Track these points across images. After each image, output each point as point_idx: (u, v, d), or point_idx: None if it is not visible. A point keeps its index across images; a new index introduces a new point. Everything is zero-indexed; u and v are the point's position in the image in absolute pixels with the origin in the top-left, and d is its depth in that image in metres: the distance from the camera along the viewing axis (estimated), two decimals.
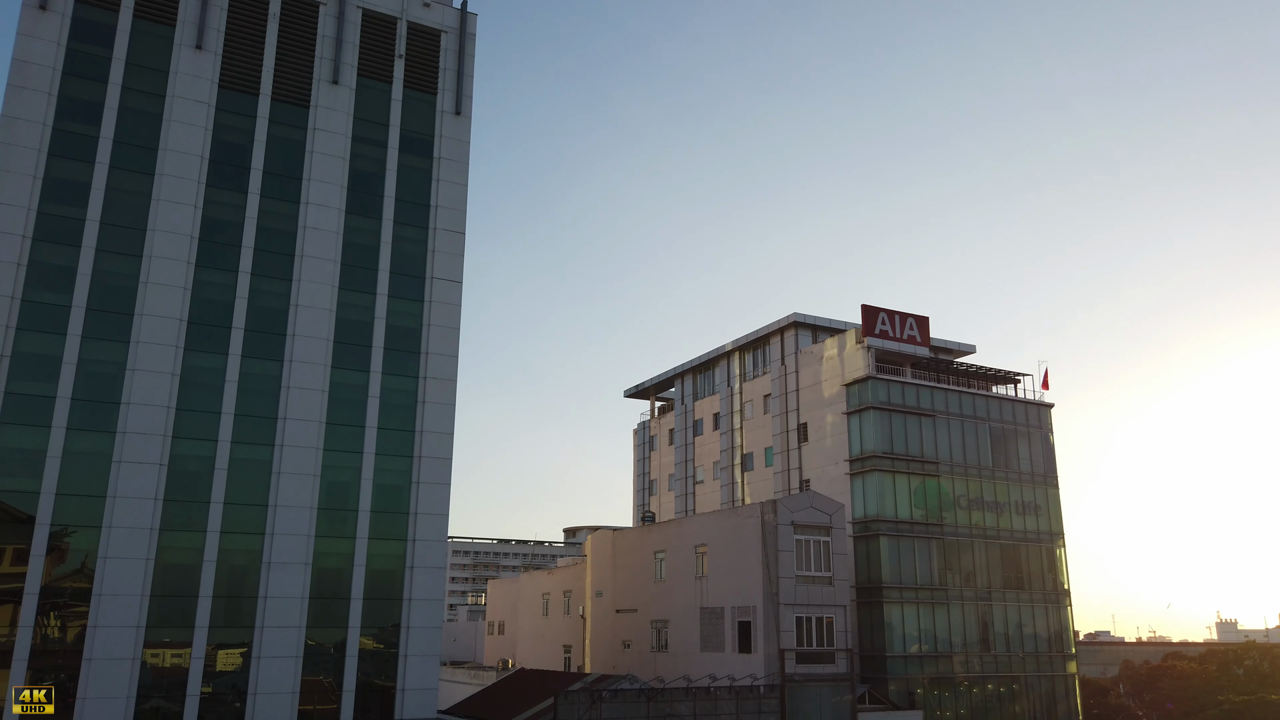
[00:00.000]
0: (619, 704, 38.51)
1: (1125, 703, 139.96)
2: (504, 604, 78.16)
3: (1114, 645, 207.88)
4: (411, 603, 41.15)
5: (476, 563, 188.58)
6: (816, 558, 46.03)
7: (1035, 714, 53.38)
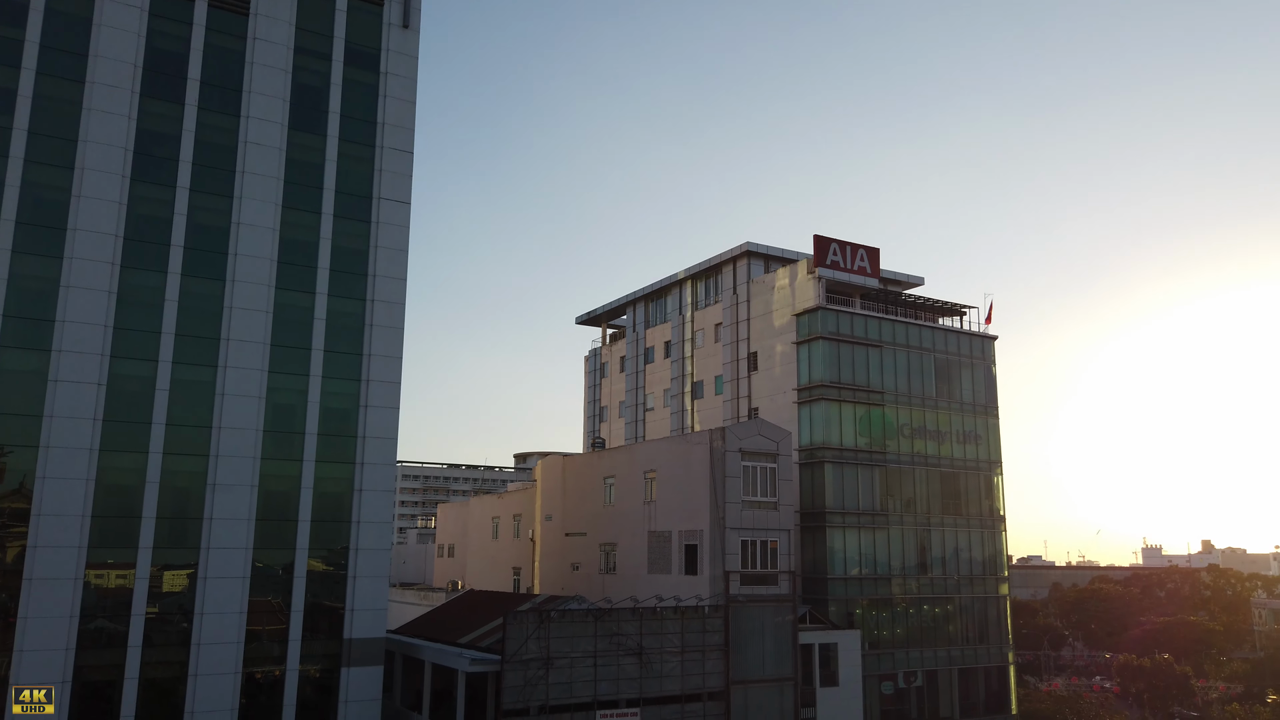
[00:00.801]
0: (567, 624, 39.22)
1: (1052, 623, 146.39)
2: (454, 527, 78.68)
3: (1045, 569, 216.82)
4: (360, 525, 41.18)
5: (426, 487, 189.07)
6: (763, 484, 46.86)
7: (968, 634, 55.60)
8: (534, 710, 37.73)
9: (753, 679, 43.57)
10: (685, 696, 41.25)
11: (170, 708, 36.91)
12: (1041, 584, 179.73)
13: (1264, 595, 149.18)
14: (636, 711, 39.72)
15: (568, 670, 38.71)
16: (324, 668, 40.07)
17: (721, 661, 42.34)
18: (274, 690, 38.83)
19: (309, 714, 39.28)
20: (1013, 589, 62.87)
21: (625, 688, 39.90)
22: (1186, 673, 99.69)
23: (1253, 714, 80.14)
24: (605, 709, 39.16)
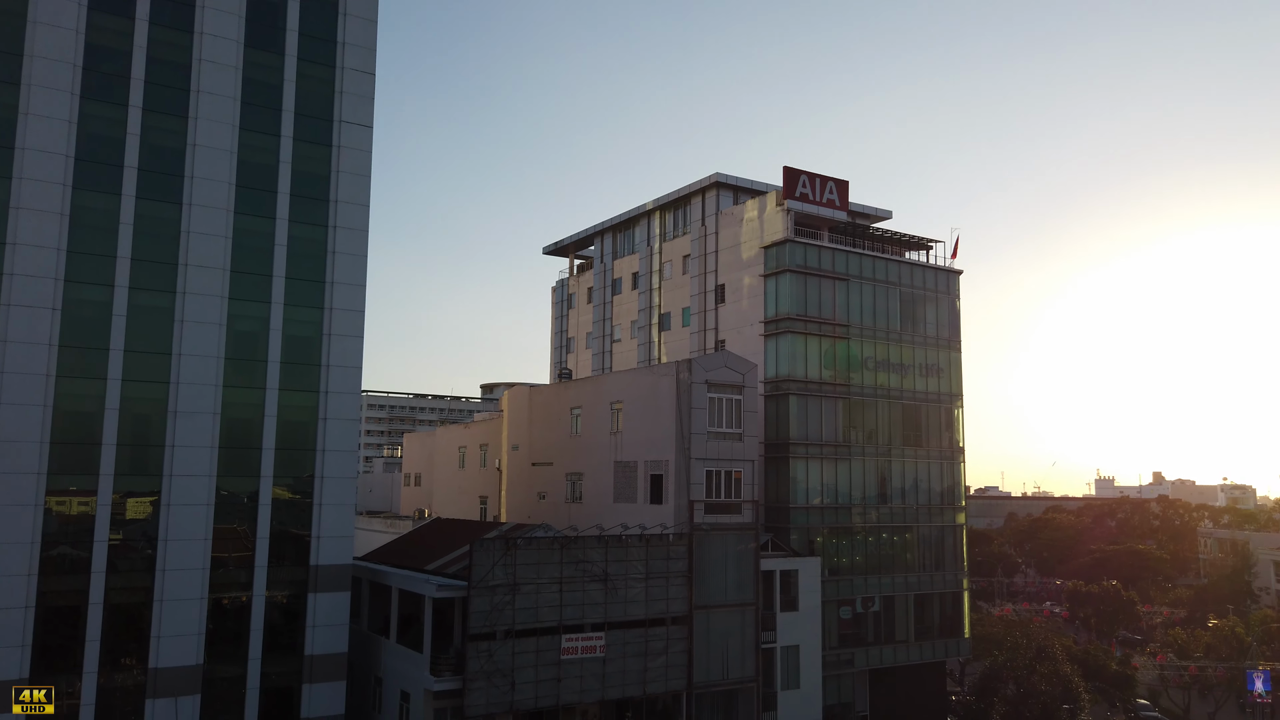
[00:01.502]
0: (533, 551, 39.69)
1: (1007, 551, 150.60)
2: (420, 457, 78.82)
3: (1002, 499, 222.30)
4: (325, 454, 41.08)
5: (392, 417, 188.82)
6: (728, 415, 47.27)
7: (925, 561, 57.11)
8: (500, 634, 38.37)
9: (715, 604, 44.56)
10: (649, 621, 42.12)
11: (136, 632, 37.09)
12: (998, 514, 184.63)
13: (1210, 525, 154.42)
14: (601, 635, 40.54)
15: (534, 596, 39.31)
16: (291, 594, 40.34)
17: (685, 588, 43.19)
18: (241, 615, 39.09)
19: (276, 639, 39.66)
20: (969, 518, 64.47)
21: (590, 613, 40.64)
22: (1133, 598, 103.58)
23: (1194, 637, 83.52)
24: (570, 633, 39.92)
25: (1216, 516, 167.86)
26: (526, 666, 38.75)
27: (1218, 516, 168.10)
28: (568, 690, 39.65)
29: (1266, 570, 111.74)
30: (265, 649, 39.12)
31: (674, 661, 42.43)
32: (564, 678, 39.54)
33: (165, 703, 36.64)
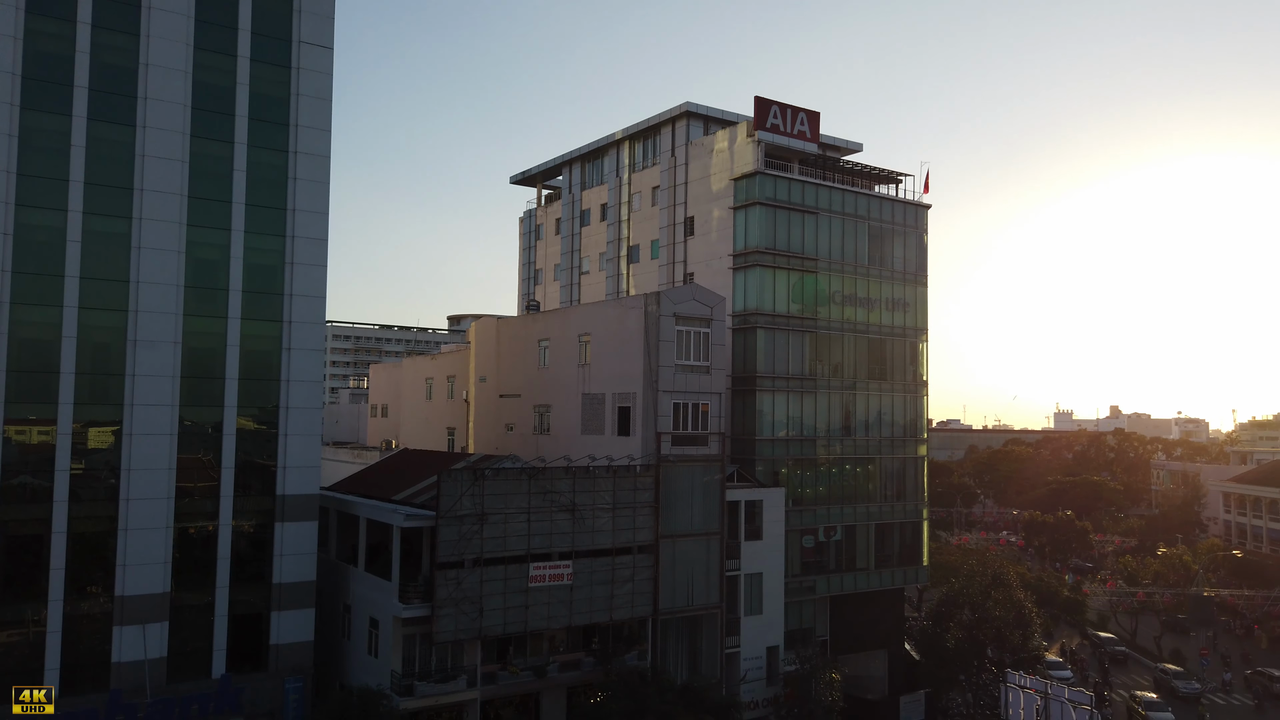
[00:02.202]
0: (501, 481, 39.90)
1: (966, 482, 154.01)
2: (387, 388, 78.48)
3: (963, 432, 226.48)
4: (290, 384, 40.74)
5: (358, 348, 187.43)
6: (696, 348, 47.38)
7: (886, 492, 58.21)
8: (468, 563, 38.76)
9: (681, 533, 45.26)
10: (616, 550, 42.73)
11: (101, 560, 37.04)
12: (959, 446, 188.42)
13: (1163, 458, 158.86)
14: (569, 564, 41.10)
15: (502, 525, 39.65)
16: (258, 523, 40.37)
17: (652, 517, 43.77)
18: (208, 544, 39.12)
19: (244, 567, 39.81)
20: (931, 450, 65.60)
21: (558, 541, 41.12)
22: (1086, 528, 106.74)
23: (1143, 565, 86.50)
24: (538, 561, 40.43)
25: (1170, 449, 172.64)
26: (495, 594, 39.27)
27: (1171, 449, 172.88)
28: (535, 617, 40.30)
29: (1215, 501, 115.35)
30: (233, 577, 39.28)
31: (640, 589, 43.20)
32: (532, 605, 40.16)
33: (133, 630, 36.79)
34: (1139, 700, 59.97)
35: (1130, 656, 72.90)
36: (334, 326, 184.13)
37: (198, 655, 38.49)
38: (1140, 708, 58.92)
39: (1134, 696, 61.15)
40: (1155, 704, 59.23)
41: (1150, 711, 58.08)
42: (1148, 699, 60.07)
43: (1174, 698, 62.51)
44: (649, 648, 43.95)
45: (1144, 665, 71.30)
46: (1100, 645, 73.39)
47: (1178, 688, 63.62)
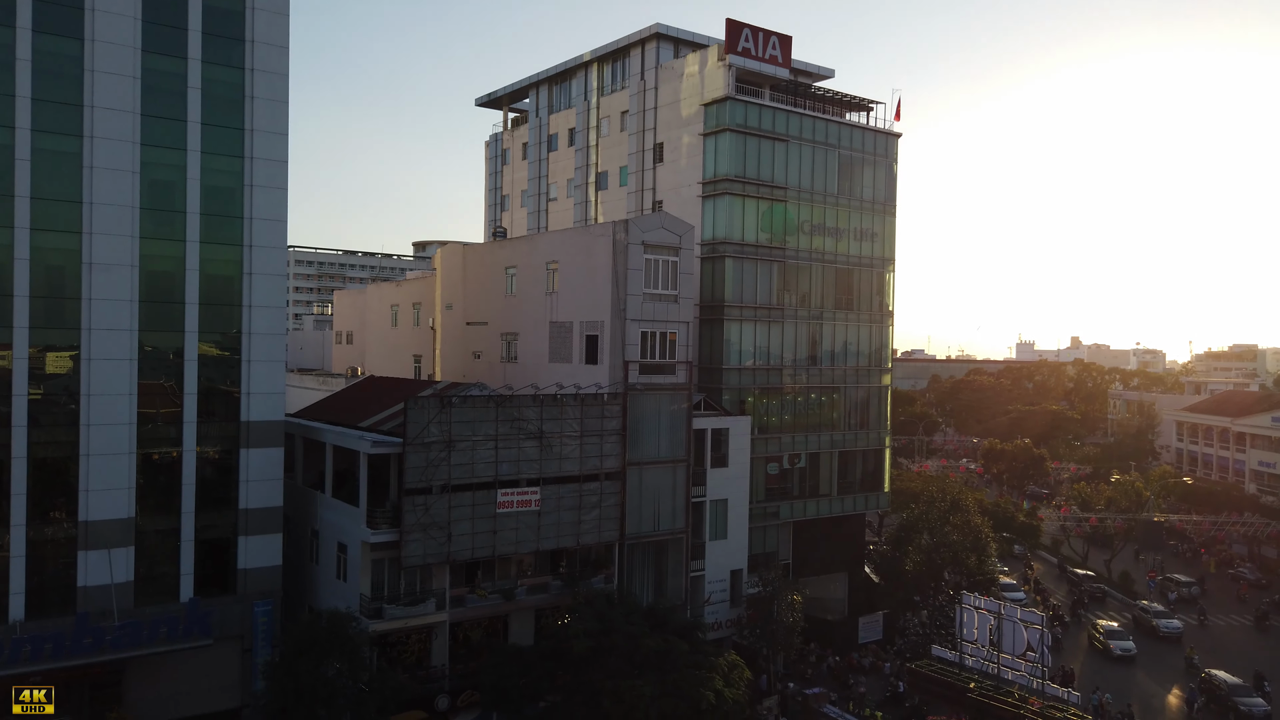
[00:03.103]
0: (468, 409, 39.87)
1: (929, 411, 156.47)
2: (351, 315, 77.69)
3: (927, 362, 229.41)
4: (252, 309, 40.13)
5: (321, 273, 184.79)
6: (664, 277, 47.22)
7: (850, 421, 59.04)
8: (436, 489, 38.95)
9: (648, 461, 45.73)
10: (583, 476, 43.12)
11: (64, 486, 36.75)
12: (922, 375, 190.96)
13: (1120, 387, 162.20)
14: (536, 490, 41.45)
15: (469, 452, 39.77)
16: (223, 449, 40.15)
17: (619, 445, 44.11)
18: (172, 470, 38.90)
19: (210, 493, 39.71)
20: (895, 380, 66.40)
21: (526, 468, 41.39)
22: (1043, 455, 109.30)
23: (1097, 491, 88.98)
24: (506, 488, 40.71)
25: (1127, 379, 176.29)
26: (463, 519, 39.59)
27: (1128, 379, 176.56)
28: (503, 542, 40.76)
29: (1169, 429, 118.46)
30: (199, 503, 39.19)
31: (607, 515, 43.76)
32: (500, 530, 40.57)
33: (98, 554, 36.74)
34: (1100, 629, 59.84)
35: (1109, 594, 72.15)
36: (296, 251, 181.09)
37: (165, 579, 38.60)
38: (1101, 635, 59.02)
39: (1095, 625, 61.05)
40: (1116, 632, 59.26)
41: (1111, 640, 58.28)
42: (1109, 627, 59.96)
43: (1155, 637, 61.53)
44: (615, 571, 44.72)
45: (1124, 603, 70.25)
46: (1079, 583, 72.78)
47: (1159, 627, 62.21)
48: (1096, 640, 59.51)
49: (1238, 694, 48.81)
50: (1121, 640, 58.54)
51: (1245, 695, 48.80)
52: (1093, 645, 59.78)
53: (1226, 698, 48.77)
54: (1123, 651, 57.42)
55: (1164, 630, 61.71)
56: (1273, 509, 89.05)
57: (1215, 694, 49.68)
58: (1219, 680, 50.43)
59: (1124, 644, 58.10)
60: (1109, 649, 57.82)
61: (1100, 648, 58.74)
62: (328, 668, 34.30)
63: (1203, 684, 51.21)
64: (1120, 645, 57.96)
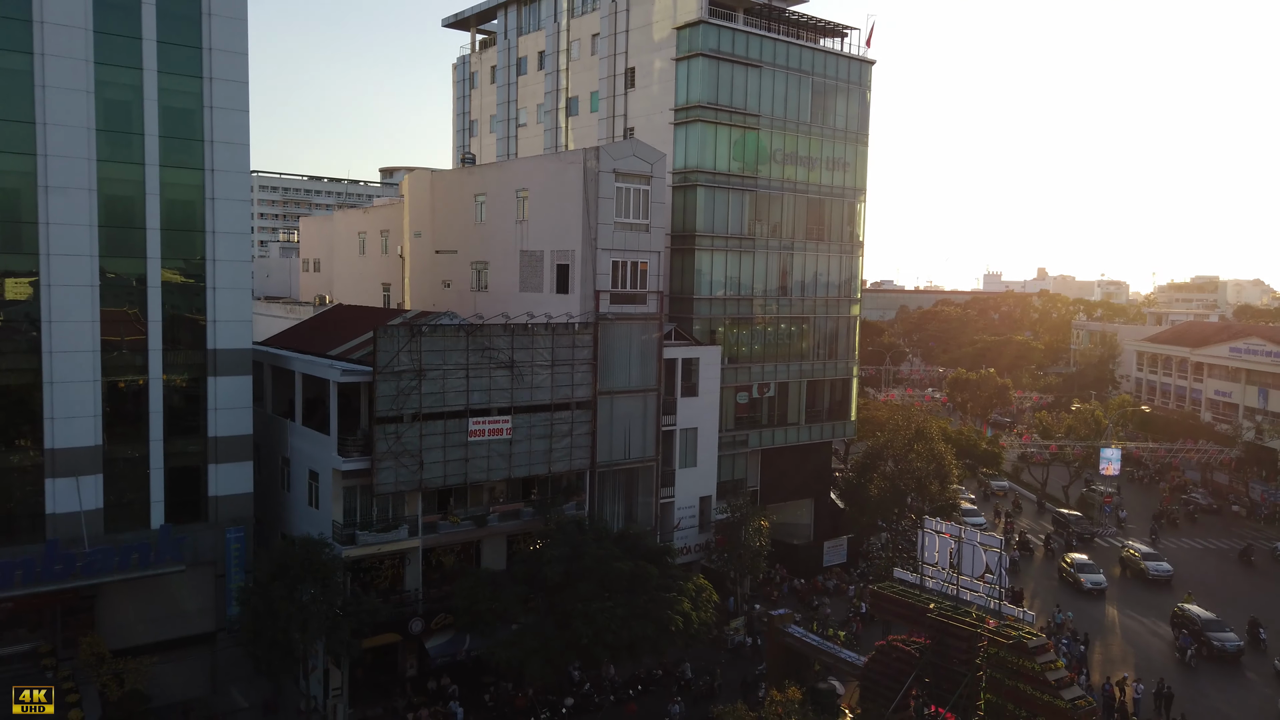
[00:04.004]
0: (438, 338, 39.70)
1: (896, 341, 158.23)
2: (318, 242, 76.54)
3: (895, 293, 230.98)
4: (216, 235, 39.38)
5: (287, 199, 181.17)
6: (635, 205, 46.85)
7: (819, 351, 59.59)
8: (407, 418, 38.99)
9: (619, 390, 46.00)
10: (555, 405, 43.32)
11: (28, 413, 36.33)
12: (890, 306, 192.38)
13: (1084, 318, 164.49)
14: (508, 419, 41.62)
15: (440, 381, 39.74)
16: (190, 377, 39.79)
17: (590, 374, 44.26)
18: (139, 398, 38.55)
19: (178, 421, 39.47)
20: (864, 311, 66.90)
21: (497, 398, 41.48)
22: (1007, 385, 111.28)
23: (1057, 420, 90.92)
24: (477, 416, 40.84)
25: (1090, 310, 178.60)
26: (434, 448, 39.76)
27: (1091, 310, 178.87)
28: (475, 469, 41.05)
29: (1130, 359, 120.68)
30: (167, 431, 38.95)
31: (578, 443, 44.12)
32: (471, 458, 40.82)
33: (66, 482, 36.57)
34: (1071, 561, 59.54)
35: (1097, 535, 69.64)
36: (260, 177, 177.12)
37: (135, 507, 38.56)
38: (1071, 569, 58.75)
39: (1065, 557, 60.75)
40: (1086, 565, 58.85)
41: (1081, 573, 57.93)
42: (1079, 560, 59.41)
43: (1144, 580, 59.66)
44: (586, 498, 45.30)
45: (1111, 546, 67.98)
46: (1066, 524, 70.27)
47: (1147, 569, 59.92)
48: (1067, 573, 59.20)
49: (1210, 629, 48.37)
50: (1092, 574, 57.97)
51: (1218, 631, 48.31)
52: (1063, 579, 59.40)
53: (1200, 633, 48.33)
54: (1093, 585, 56.97)
55: (1153, 573, 59.58)
56: (1226, 437, 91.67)
57: (1188, 629, 49.31)
58: (1192, 615, 49.98)
59: (1094, 577, 57.56)
60: (1079, 583, 57.49)
61: (1071, 581, 58.40)
62: (302, 593, 34.68)
63: (1175, 618, 50.93)
64: (1091, 579, 57.40)
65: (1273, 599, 56.83)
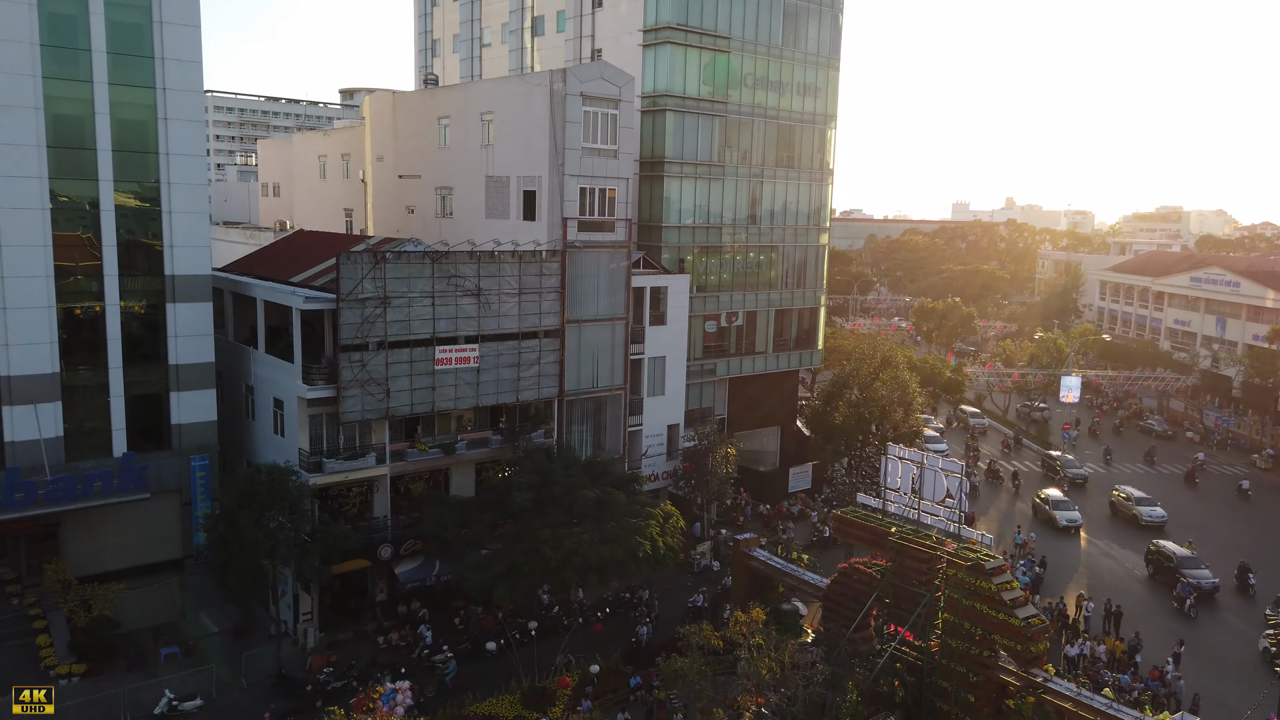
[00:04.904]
0: (403, 265, 39.09)
1: (864, 270, 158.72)
2: (277, 165, 74.63)
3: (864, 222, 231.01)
4: (170, 157, 38.21)
5: (244, 121, 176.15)
6: (603, 130, 46.00)
7: (787, 280, 59.54)
8: (372, 345, 38.60)
9: (587, 318, 45.79)
10: (523, 334, 43.07)
11: None
12: (859, 235, 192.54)
13: (1050, 248, 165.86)
14: (475, 347, 41.36)
15: (406, 309, 39.28)
16: (148, 304, 39.02)
17: (558, 303, 43.95)
18: (96, 325, 37.79)
19: (138, 348, 38.83)
20: (832, 240, 66.78)
21: (464, 325, 41.13)
22: (972, 314, 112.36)
23: (1020, 348, 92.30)
24: (444, 345, 40.52)
25: (1056, 240, 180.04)
26: (401, 376, 39.49)
27: (1057, 240, 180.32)
28: (443, 398, 40.90)
29: (1093, 288, 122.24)
30: (126, 359, 38.32)
31: (546, 372, 44.04)
32: (439, 386, 40.62)
33: (24, 409, 36.00)
34: (1046, 498, 57.98)
35: (1090, 478, 66.27)
36: (215, 97, 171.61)
37: (97, 435, 38.12)
38: (1046, 505, 57.29)
39: (1040, 493, 59.19)
40: (1061, 502, 57.41)
41: (1056, 510, 56.51)
42: (1054, 496, 58.03)
43: (1137, 524, 56.76)
44: (555, 427, 45.43)
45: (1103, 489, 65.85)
46: (1054, 465, 67.02)
47: (1140, 515, 57.24)
48: (1041, 510, 57.67)
49: (1185, 566, 47.42)
50: (1067, 510, 56.41)
51: (1194, 568, 47.22)
52: (1037, 515, 57.82)
53: (1175, 569, 47.41)
54: (1068, 522, 55.39)
55: (1146, 519, 56.76)
56: (1183, 365, 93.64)
57: (1163, 565, 48.53)
58: (1168, 551, 48.97)
59: (1069, 514, 56.02)
60: (1054, 519, 55.93)
61: (1045, 518, 56.77)
62: (270, 520, 34.69)
63: (1149, 555, 50.01)
64: (1066, 516, 55.81)
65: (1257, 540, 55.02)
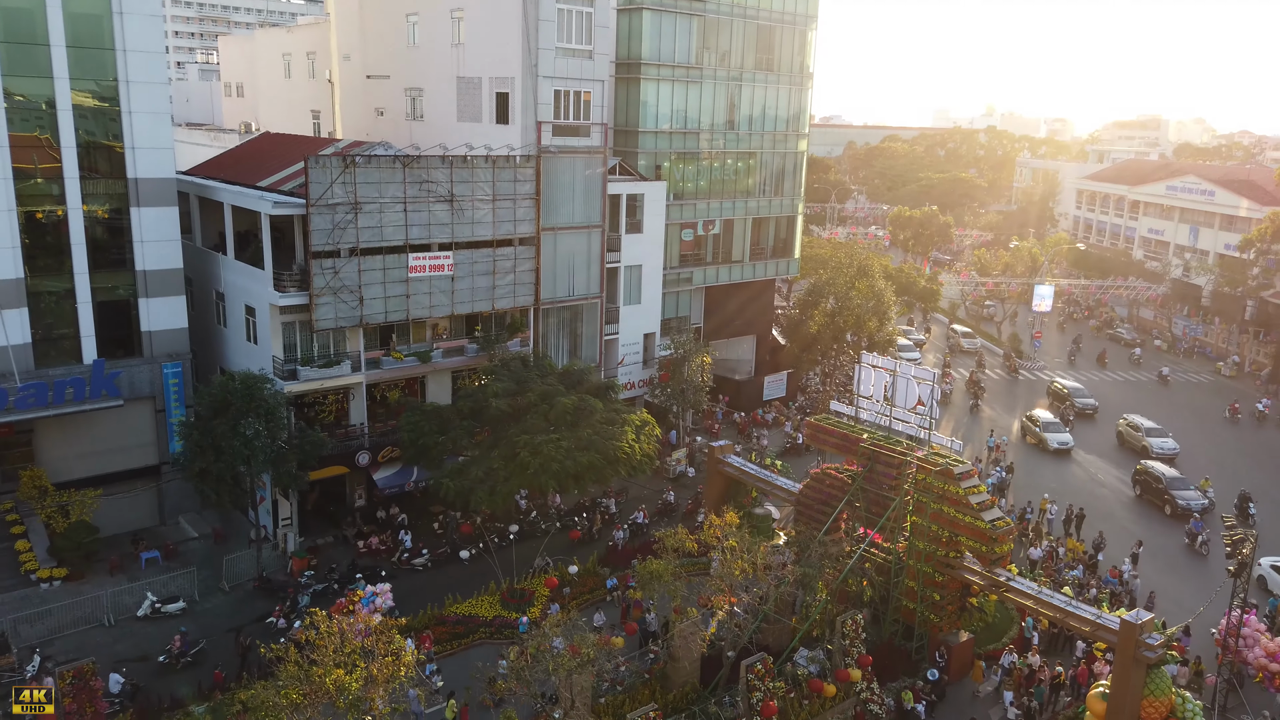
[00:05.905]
0: (373, 169, 38.22)
1: (842, 179, 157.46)
2: (240, 64, 72.08)
3: (843, 128, 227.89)
4: (127, 54, 36.70)
5: (203, 16, 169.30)
6: (578, 29, 44.65)
7: (765, 187, 58.93)
8: (344, 252, 38.03)
9: (563, 226, 45.27)
10: (497, 242, 42.56)
11: None
12: (838, 141, 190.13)
13: (1028, 156, 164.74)
14: (449, 255, 40.87)
15: (377, 215, 38.59)
16: (112, 208, 38.04)
17: (533, 210, 43.34)
18: (59, 230, 36.87)
19: (104, 254, 38.00)
20: (811, 146, 65.89)
21: (437, 232, 40.54)
22: (948, 222, 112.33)
23: (995, 257, 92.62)
24: (417, 252, 40.00)
25: (1035, 148, 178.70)
26: (374, 283, 39.06)
27: (1036, 148, 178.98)
28: (417, 306, 40.59)
29: (1069, 197, 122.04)
30: (92, 264, 37.51)
31: (522, 280, 43.70)
32: (413, 294, 40.26)
33: None
34: (1036, 420, 56.13)
35: (1098, 409, 61.77)
36: None
37: (66, 341, 37.61)
38: (1037, 427, 55.57)
39: (1027, 414, 57.57)
40: (1052, 424, 55.71)
41: (1047, 432, 54.97)
42: (1045, 418, 56.16)
43: (1147, 457, 52.51)
44: (531, 335, 45.35)
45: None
46: (1068, 399, 61.92)
47: (1150, 446, 53.82)
48: (1031, 433, 55.88)
49: (1175, 487, 46.75)
50: (1058, 433, 54.84)
51: (1182, 489, 46.61)
52: (1026, 439, 56.08)
53: (1165, 490, 46.81)
54: (1059, 445, 53.98)
55: (1157, 450, 53.46)
56: (1155, 274, 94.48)
57: (1151, 485, 47.98)
58: (1156, 472, 48.23)
59: (1060, 437, 54.53)
60: (1044, 442, 54.37)
61: (1035, 441, 55.12)
62: (246, 427, 34.67)
63: (1137, 475, 49.32)
64: (1057, 439, 54.29)
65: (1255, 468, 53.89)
